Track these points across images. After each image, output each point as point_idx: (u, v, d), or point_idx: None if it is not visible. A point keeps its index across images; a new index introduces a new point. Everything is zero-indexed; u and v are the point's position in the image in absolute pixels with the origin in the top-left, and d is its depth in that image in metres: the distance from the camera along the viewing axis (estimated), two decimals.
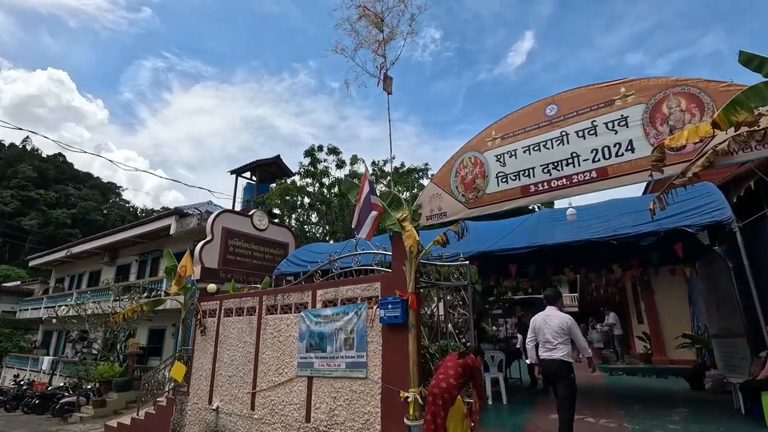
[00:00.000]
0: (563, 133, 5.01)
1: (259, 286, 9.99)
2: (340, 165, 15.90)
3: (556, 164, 4.99)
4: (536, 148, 5.20)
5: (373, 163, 16.61)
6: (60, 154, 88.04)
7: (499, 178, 5.48)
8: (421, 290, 6.15)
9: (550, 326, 4.95)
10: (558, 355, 4.80)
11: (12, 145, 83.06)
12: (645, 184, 9.27)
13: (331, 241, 15.51)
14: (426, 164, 16.22)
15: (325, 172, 15.66)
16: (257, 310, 8.38)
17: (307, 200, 15.68)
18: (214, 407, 8.55)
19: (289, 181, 16.19)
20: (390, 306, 5.95)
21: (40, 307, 23.45)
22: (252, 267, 11.64)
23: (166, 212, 17.62)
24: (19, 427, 13.64)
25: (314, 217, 16.60)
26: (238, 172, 19.22)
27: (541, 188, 5.09)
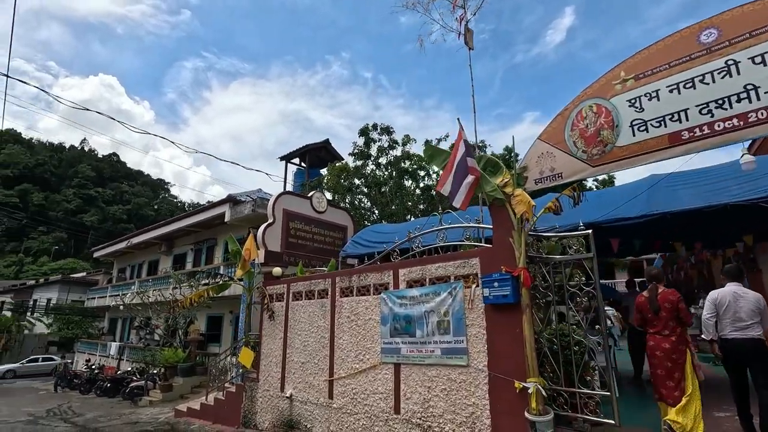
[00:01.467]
0: (730, 62, 3.93)
1: (325, 269, 9.39)
2: (392, 146, 15.02)
3: (721, 102, 3.93)
4: (689, 84, 4.14)
5: (427, 142, 15.64)
6: (114, 154, 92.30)
7: (636, 127, 4.46)
8: (530, 266, 5.24)
9: (745, 303, 4.29)
10: (754, 334, 4.18)
11: (72, 147, 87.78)
12: None
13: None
14: (482, 141, 15.01)
15: (384, 150, 14.81)
16: (330, 293, 7.75)
17: (360, 182, 14.92)
18: (287, 395, 8.04)
19: (341, 163, 15.49)
20: (496, 284, 5.09)
21: (106, 296, 24.22)
22: (313, 250, 11.09)
23: (220, 200, 17.45)
24: (94, 410, 13.89)
25: (366, 201, 15.88)
26: (287, 158, 18.79)
27: (698, 134, 4.04)
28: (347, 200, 15.13)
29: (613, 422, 4.35)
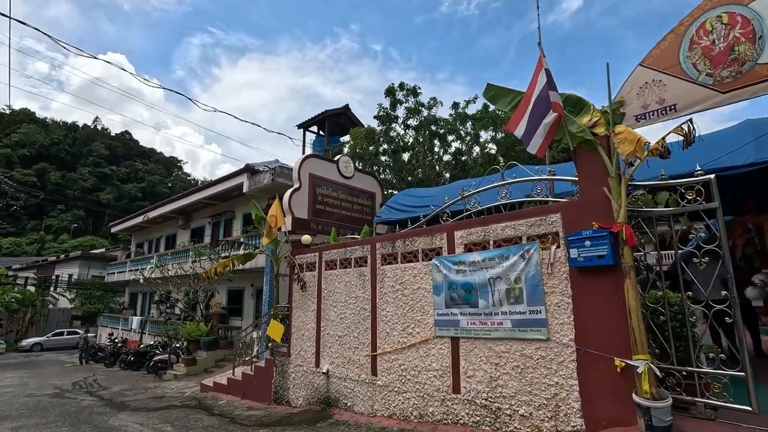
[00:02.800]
0: None
1: (358, 236, 8.55)
2: (417, 109, 13.85)
3: None
4: None
5: (454, 104, 14.46)
6: (127, 132, 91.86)
7: None
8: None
9: None
10: None
11: (85, 125, 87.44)
12: None
13: None
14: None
15: (413, 110, 13.61)
16: (369, 261, 6.91)
17: (386, 147, 13.86)
18: (323, 370, 7.34)
19: (366, 126, 14.40)
20: (588, 243, 4.17)
21: (125, 271, 23.90)
22: (341, 218, 10.23)
23: (237, 170, 16.61)
24: (119, 383, 13.54)
25: (387, 171, 14.84)
26: (305, 126, 17.79)
27: None
28: (373, 168, 14.13)
29: (749, 408, 3.48)
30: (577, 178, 4.79)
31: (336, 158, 10.60)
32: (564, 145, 5.97)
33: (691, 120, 4.02)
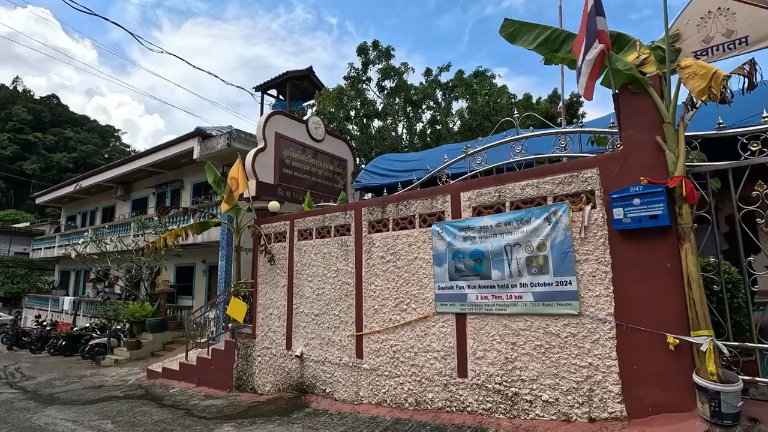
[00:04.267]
0: None
1: (333, 204, 7.55)
2: (387, 74, 12.71)
3: None
4: None
5: (427, 71, 13.44)
6: (54, 96, 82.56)
7: None
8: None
9: None
10: None
11: (2, 86, 77.40)
12: None
13: None
14: (485, 69, 12.78)
15: (388, 72, 12.31)
16: (354, 228, 5.97)
17: (360, 109, 12.65)
18: (296, 353, 6.40)
19: (336, 86, 13.06)
20: (638, 201, 3.50)
21: (54, 246, 21.19)
22: (311, 186, 9.13)
23: (187, 134, 14.78)
24: (48, 371, 11.77)
25: (354, 141, 13.70)
26: (264, 89, 16.13)
27: None
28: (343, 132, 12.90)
29: None
30: (612, 129, 4.11)
31: (305, 118, 9.40)
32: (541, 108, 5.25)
33: (753, 59, 3.40)
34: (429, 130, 12.59)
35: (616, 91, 3.80)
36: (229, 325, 8.08)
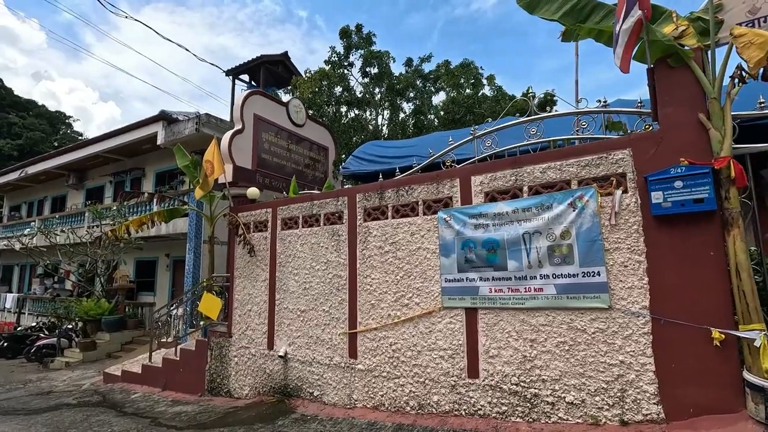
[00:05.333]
0: None
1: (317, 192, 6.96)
2: (371, 59, 12.07)
3: None
4: None
5: (408, 61, 12.91)
6: None
7: None
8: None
9: None
10: None
11: None
12: None
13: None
14: (470, 61, 12.45)
15: (371, 58, 11.59)
16: (347, 216, 5.43)
17: (338, 95, 11.92)
18: (279, 353, 5.79)
19: (319, 69, 12.26)
20: (680, 183, 3.18)
21: None
22: (291, 173, 8.46)
23: (150, 118, 13.62)
24: None
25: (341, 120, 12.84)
26: (236, 73, 15.17)
27: None
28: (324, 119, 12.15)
29: None
30: (640, 109, 3.79)
31: (286, 101, 8.70)
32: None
33: None
34: (412, 121, 12.14)
35: (652, 65, 3.47)
36: (201, 323, 7.32)
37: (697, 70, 3.25)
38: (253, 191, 6.75)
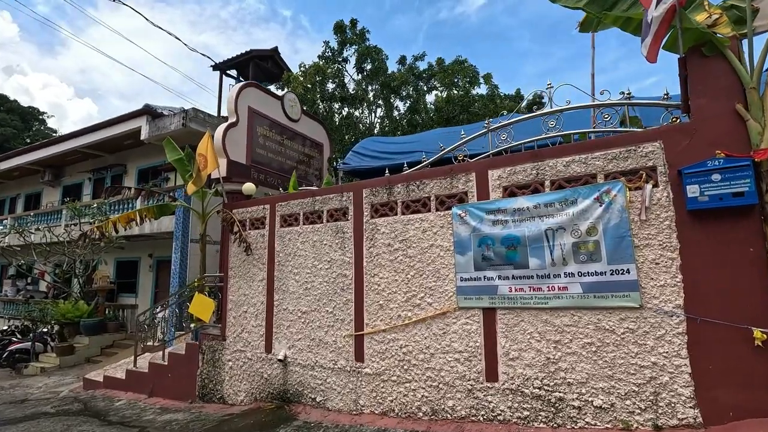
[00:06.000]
0: None
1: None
2: (366, 55, 11.80)
3: None
4: None
5: (401, 59, 12.68)
6: None
7: None
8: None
9: None
10: None
11: None
12: None
13: None
14: (467, 59, 12.29)
15: (366, 53, 11.26)
16: (352, 212, 5.15)
17: (330, 91, 11.57)
18: (279, 357, 5.47)
19: (314, 63, 11.88)
20: (718, 177, 3.04)
21: None
22: (286, 169, 8.14)
23: (133, 112, 13.04)
24: None
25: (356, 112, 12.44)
26: (224, 68, 14.68)
27: None
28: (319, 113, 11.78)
29: None
30: (666, 102, 3.65)
31: (281, 94, 8.36)
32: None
33: None
34: (406, 120, 11.92)
35: (684, 54, 3.32)
36: (192, 325, 6.93)
37: (733, 59, 3.12)
38: (249, 187, 6.41)
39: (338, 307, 5.10)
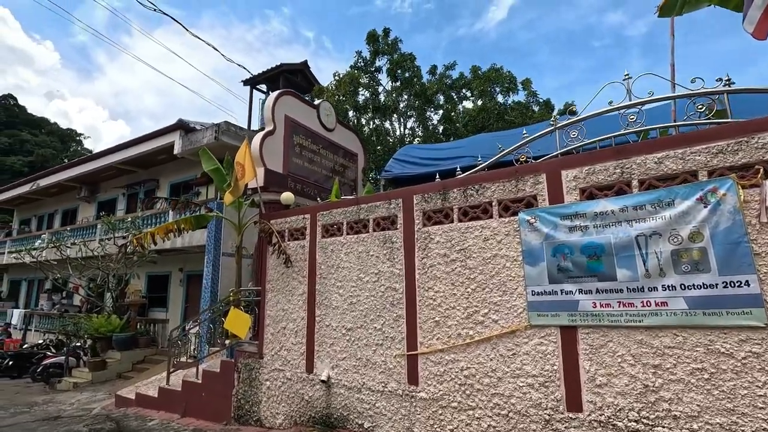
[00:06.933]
0: None
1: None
2: (401, 64, 11.49)
3: None
4: None
5: (432, 69, 12.39)
6: (11, 96, 77.13)
7: None
8: None
9: None
10: None
11: None
12: None
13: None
14: (500, 66, 11.75)
15: (400, 63, 10.97)
16: (402, 221, 4.75)
17: (365, 99, 11.37)
18: (321, 377, 5.04)
19: (348, 71, 11.71)
20: None
21: (3, 252, 18.59)
22: (322, 179, 7.85)
23: (167, 127, 13.15)
24: None
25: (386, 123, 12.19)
26: (254, 82, 14.75)
27: None
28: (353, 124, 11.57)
29: None
30: None
31: (316, 103, 8.14)
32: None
33: None
34: (441, 128, 11.56)
35: None
36: (226, 342, 6.60)
37: None
38: (288, 196, 6.11)
39: (387, 323, 4.66)
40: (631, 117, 3.79)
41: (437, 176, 4.95)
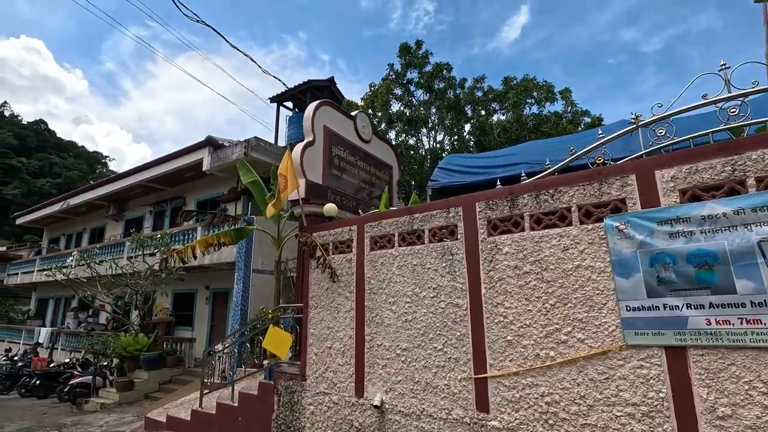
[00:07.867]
0: None
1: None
2: (429, 79, 11.33)
3: None
4: None
5: (461, 83, 12.20)
6: (42, 121, 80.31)
7: None
8: None
9: None
10: None
11: None
12: None
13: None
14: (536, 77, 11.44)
15: (436, 74, 10.81)
16: (462, 230, 4.37)
17: (399, 111, 11.19)
18: (373, 402, 4.60)
19: (383, 82, 11.60)
20: None
21: (33, 271, 18.74)
22: (358, 191, 7.57)
23: (195, 144, 13.17)
24: (18, 418, 9.44)
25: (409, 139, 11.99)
26: (280, 100, 14.74)
27: None
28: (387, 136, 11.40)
29: None
30: None
31: (353, 114, 7.92)
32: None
33: None
34: (474, 141, 11.27)
35: None
36: (264, 362, 6.23)
37: None
38: (331, 207, 5.81)
39: (449, 343, 4.23)
40: (732, 110, 3.38)
41: (498, 183, 4.58)
